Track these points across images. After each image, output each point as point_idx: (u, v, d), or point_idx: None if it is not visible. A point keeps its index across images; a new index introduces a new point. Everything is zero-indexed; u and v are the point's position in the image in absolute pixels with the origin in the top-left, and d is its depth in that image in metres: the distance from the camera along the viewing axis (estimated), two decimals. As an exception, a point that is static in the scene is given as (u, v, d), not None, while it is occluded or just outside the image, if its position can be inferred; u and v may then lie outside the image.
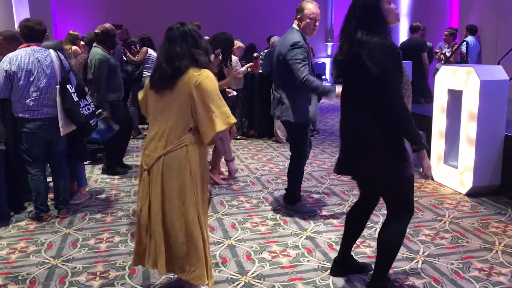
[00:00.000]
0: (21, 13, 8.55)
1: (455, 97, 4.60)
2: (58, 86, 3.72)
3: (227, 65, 4.79)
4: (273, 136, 7.13)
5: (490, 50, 8.64)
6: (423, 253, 3.21)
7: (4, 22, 8.11)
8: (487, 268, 2.99)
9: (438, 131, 4.87)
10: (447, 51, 8.26)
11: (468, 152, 4.37)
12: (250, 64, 7.45)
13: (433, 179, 4.86)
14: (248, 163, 5.79)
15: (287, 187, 4.11)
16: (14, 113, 3.69)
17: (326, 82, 3.29)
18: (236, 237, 3.52)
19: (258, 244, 3.39)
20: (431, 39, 8.98)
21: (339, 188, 4.71)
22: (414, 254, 3.20)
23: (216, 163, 5.01)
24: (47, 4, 10.04)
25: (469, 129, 4.35)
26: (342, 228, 2.88)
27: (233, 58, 5.61)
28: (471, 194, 4.39)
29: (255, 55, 7.62)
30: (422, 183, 4.75)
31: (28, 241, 3.51)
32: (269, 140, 7.14)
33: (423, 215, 3.92)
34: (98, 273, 2.99)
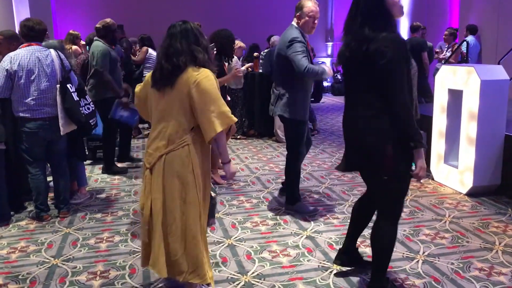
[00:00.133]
0: (21, 13, 8.53)
1: (455, 96, 4.60)
2: (58, 85, 3.72)
3: (228, 61, 4.80)
4: (273, 136, 7.13)
5: (490, 50, 8.64)
6: (423, 252, 3.21)
7: (4, 22, 8.10)
8: (487, 267, 2.99)
9: (438, 130, 4.87)
10: (446, 53, 8.28)
11: (468, 152, 4.37)
12: (250, 63, 7.44)
13: (433, 178, 4.87)
14: (248, 162, 5.79)
15: (285, 186, 4.11)
16: (14, 112, 3.69)
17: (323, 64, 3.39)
18: (236, 237, 3.52)
19: (258, 243, 3.39)
20: (431, 39, 8.98)
21: (339, 188, 4.71)
22: (414, 253, 3.20)
23: (215, 162, 5.00)
24: (47, 4, 10.03)
25: (469, 129, 4.35)
26: (342, 227, 2.89)
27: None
28: (471, 194, 4.39)
29: (255, 54, 7.62)
30: (422, 183, 4.76)
31: (28, 240, 3.51)
32: (269, 140, 7.14)
33: (423, 215, 3.92)
34: (98, 272, 2.99)
